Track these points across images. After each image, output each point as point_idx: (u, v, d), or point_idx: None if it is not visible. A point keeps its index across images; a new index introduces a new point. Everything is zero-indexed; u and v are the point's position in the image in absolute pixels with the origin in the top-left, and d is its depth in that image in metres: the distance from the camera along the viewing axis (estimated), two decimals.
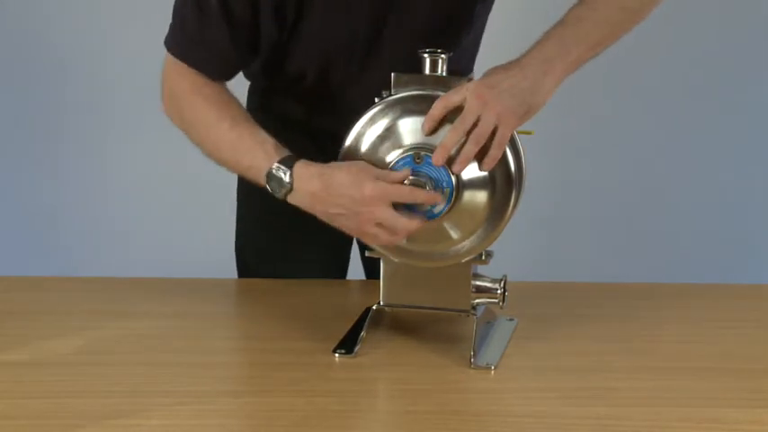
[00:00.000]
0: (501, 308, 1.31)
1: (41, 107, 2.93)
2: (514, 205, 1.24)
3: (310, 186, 1.25)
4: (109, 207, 2.98)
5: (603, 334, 1.37)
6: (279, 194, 1.28)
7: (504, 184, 1.24)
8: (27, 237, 3.02)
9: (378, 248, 1.30)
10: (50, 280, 1.62)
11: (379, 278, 1.34)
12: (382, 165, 1.25)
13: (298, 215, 1.38)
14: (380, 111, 1.26)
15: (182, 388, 1.20)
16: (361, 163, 1.25)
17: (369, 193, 1.21)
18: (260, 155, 1.29)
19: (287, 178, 1.26)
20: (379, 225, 1.23)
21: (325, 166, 1.26)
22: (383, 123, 1.26)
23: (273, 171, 1.27)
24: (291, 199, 1.28)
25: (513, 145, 1.24)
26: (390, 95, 1.26)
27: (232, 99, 1.38)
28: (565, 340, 1.34)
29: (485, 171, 1.23)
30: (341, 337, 1.32)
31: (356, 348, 1.29)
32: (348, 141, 1.27)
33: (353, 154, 1.27)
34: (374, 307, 1.34)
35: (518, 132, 1.25)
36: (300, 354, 1.29)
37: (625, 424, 1.12)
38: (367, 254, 1.33)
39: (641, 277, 1.86)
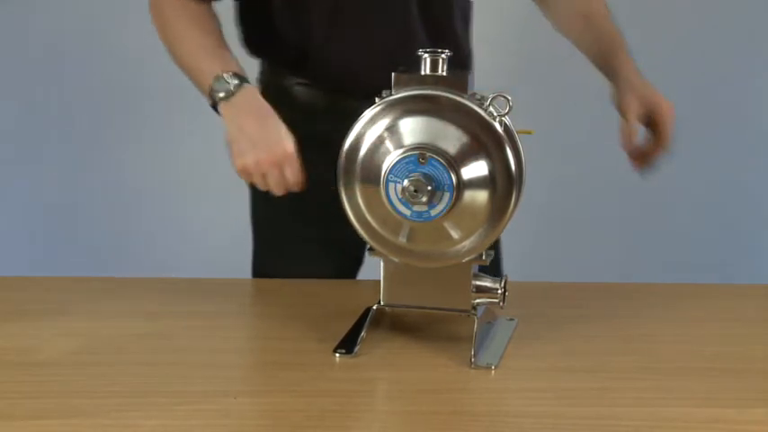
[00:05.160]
0: (501, 308, 1.31)
1: (50, 106, 2.94)
2: (515, 205, 1.24)
3: (247, 111, 1.35)
4: (111, 208, 2.98)
5: (603, 334, 1.37)
6: (216, 96, 1.36)
7: (504, 184, 1.23)
8: (27, 237, 3.02)
9: (378, 248, 1.30)
10: (50, 280, 1.62)
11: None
12: (381, 165, 1.25)
13: (312, 214, 1.39)
14: (381, 111, 1.26)
15: (181, 388, 1.20)
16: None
17: (289, 151, 1.33)
18: (218, 62, 1.38)
19: (232, 87, 1.35)
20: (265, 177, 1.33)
21: (272, 110, 1.36)
22: (383, 123, 1.25)
23: (225, 75, 1.36)
24: (223, 107, 1.35)
25: (513, 144, 1.24)
26: (390, 95, 1.26)
27: (215, 16, 1.47)
28: (565, 340, 1.34)
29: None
30: (341, 337, 1.32)
31: (356, 348, 1.29)
32: (348, 141, 1.26)
33: (354, 154, 1.26)
34: (374, 307, 1.34)
35: (518, 132, 1.25)
36: (300, 354, 1.29)
37: (625, 424, 1.12)
38: (368, 254, 1.33)
39: (641, 277, 1.86)
